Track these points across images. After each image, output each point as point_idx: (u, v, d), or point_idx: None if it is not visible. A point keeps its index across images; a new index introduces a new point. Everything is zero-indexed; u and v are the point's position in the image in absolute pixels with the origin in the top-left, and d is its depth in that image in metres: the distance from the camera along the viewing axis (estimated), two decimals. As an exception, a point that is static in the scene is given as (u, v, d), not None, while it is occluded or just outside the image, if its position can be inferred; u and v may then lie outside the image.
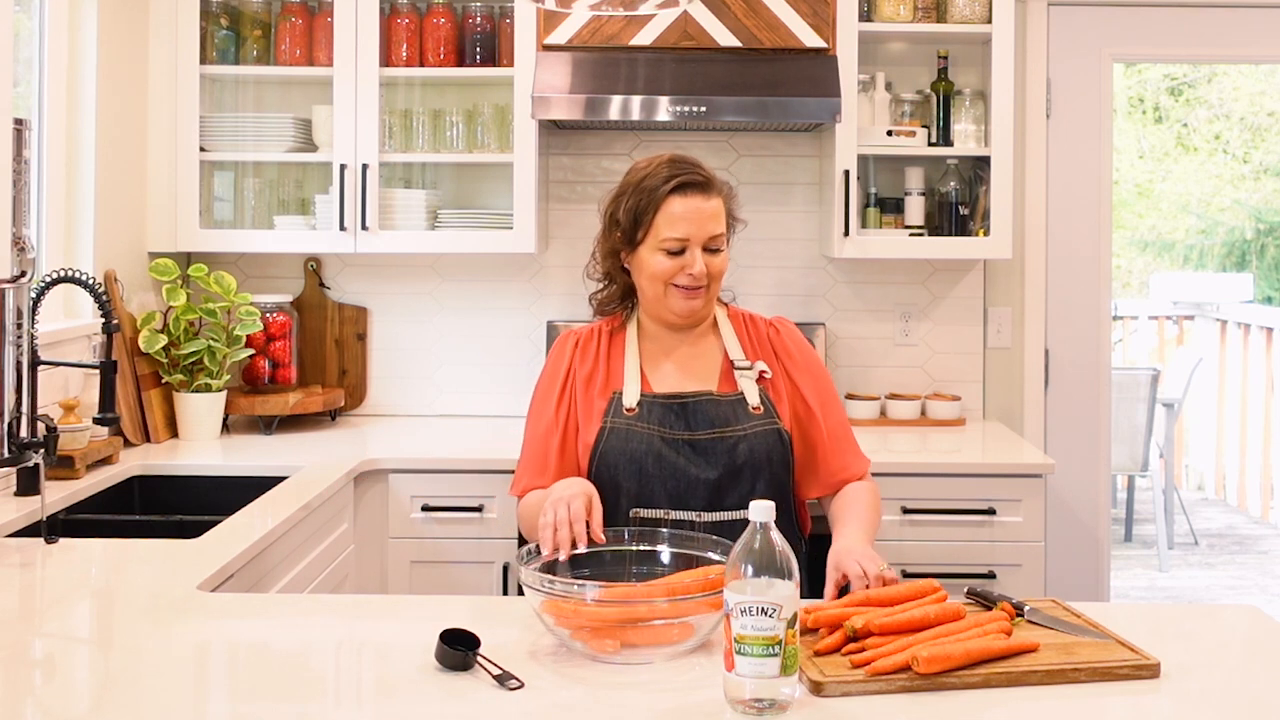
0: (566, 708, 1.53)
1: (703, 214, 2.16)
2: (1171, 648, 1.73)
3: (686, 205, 2.15)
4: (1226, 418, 7.20)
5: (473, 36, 3.61)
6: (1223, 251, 9.89)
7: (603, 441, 2.17)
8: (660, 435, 2.16)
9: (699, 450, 2.16)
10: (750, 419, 2.18)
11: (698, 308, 2.21)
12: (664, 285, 2.18)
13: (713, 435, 2.17)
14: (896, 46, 3.79)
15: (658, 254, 2.16)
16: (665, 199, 2.16)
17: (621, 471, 2.15)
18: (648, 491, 2.15)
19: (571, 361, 2.27)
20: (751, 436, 2.17)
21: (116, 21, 3.35)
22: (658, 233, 2.16)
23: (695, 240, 2.15)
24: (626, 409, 2.18)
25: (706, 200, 2.17)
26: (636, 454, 2.15)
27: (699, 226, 2.15)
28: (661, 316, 2.24)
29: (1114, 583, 4.57)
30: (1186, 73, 10.20)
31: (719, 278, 2.21)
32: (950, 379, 3.86)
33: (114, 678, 1.67)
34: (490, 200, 3.77)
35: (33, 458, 2.36)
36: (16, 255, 2.51)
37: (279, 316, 3.65)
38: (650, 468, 2.14)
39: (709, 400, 2.20)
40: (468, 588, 3.13)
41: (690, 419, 2.18)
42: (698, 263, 2.15)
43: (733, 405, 2.20)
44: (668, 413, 2.19)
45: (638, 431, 2.16)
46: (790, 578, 1.50)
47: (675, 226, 2.15)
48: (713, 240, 2.17)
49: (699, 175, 2.18)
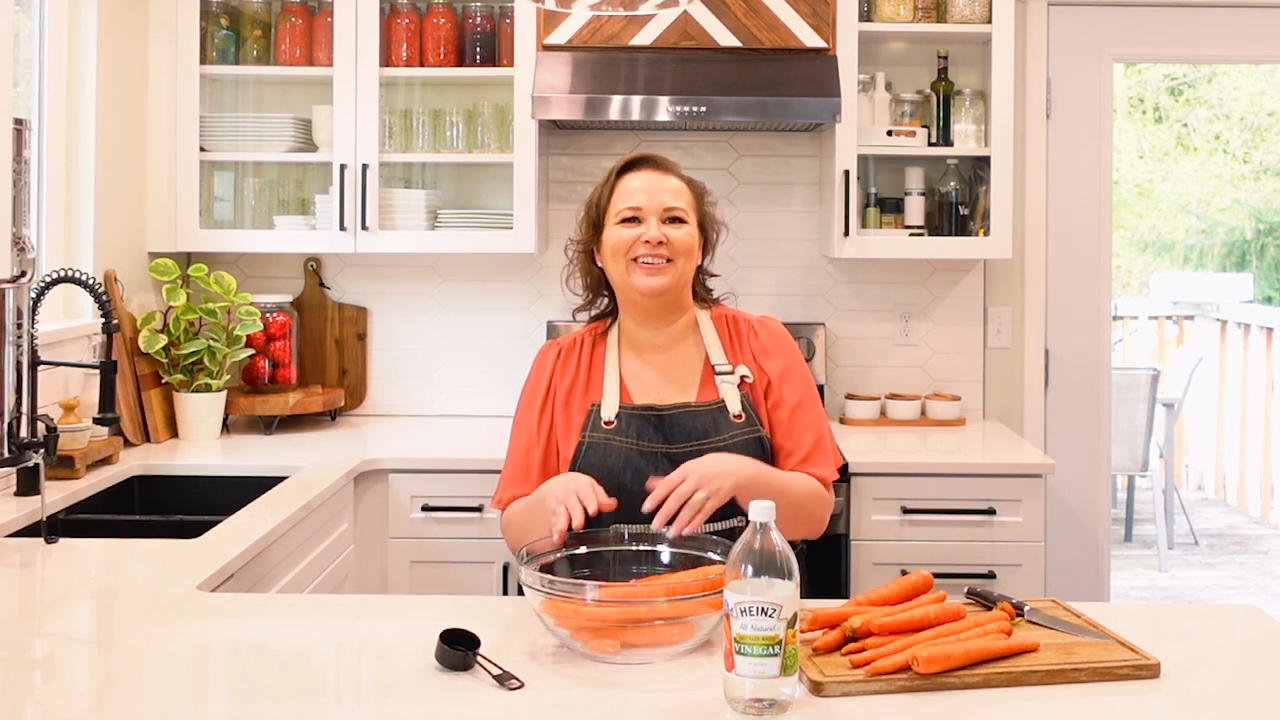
0: (566, 708, 1.53)
1: (657, 184, 2.18)
2: (1171, 648, 1.73)
3: (641, 178, 2.19)
4: (1226, 418, 7.20)
5: (473, 36, 3.61)
6: (1223, 251, 9.89)
7: (581, 456, 2.15)
8: (638, 449, 2.14)
9: (677, 463, 2.07)
10: (731, 428, 2.15)
11: (661, 285, 2.16)
12: (625, 262, 2.17)
13: (690, 447, 2.13)
14: (896, 46, 3.79)
15: (616, 229, 2.18)
16: (619, 176, 2.21)
17: (601, 486, 2.13)
18: (627, 506, 2.12)
19: (552, 374, 2.25)
20: (732, 446, 2.12)
21: (116, 21, 3.35)
22: (614, 207, 2.19)
23: (649, 209, 2.16)
24: (605, 422, 2.16)
25: (663, 176, 2.20)
26: (615, 469, 2.12)
27: (652, 196, 2.17)
28: (633, 301, 2.21)
29: (1114, 583, 4.56)
30: (1186, 73, 10.20)
31: (685, 253, 2.17)
32: (950, 379, 3.87)
33: (114, 678, 1.67)
34: (490, 200, 3.77)
35: (33, 458, 2.36)
36: (16, 255, 2.51)
37: (279, 316, 3.65)
38: (629, 482, 2.10)
39: (687, 412, 2.17)
40: (468, 588, 3.13)
41: (668, 431, 2.15)
42: (653, 228, 2.14)
43: (713, 415, 2.16)
44: (645, 425, 2.16)
45: (616, 446, 2.14)
46: (790, 578, 1.50)
47: (629, 197, 2.18)
48: (670, 211, 2.17)
49: (656, 158, 2.23)
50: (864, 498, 3.16)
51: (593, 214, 2.24)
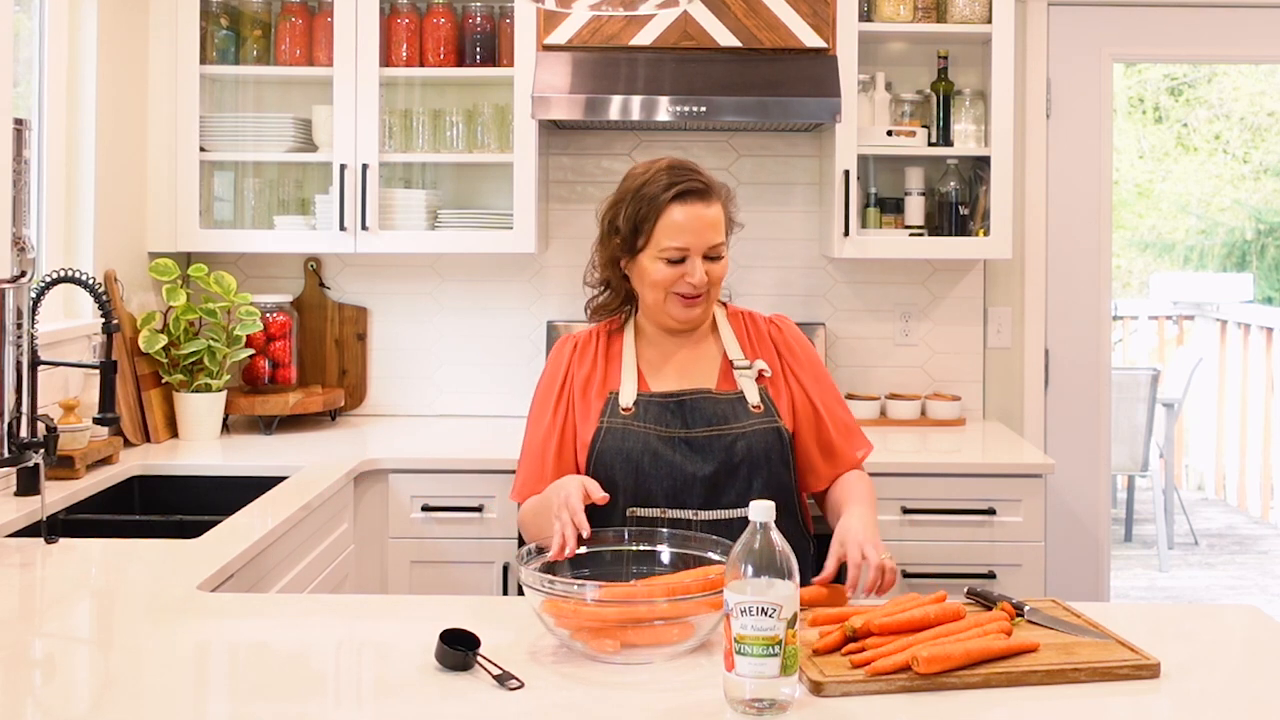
0: (566, 708, 1.53)
1: (703, 222, 2.14)
2: (1171, 648, 1.73)
3: (687, 214, 2.13)
4: (1226, 418, 7.20)
5: (473, 36, 3.61)
6: (1223, 251, 9.89)
7: (599, 441, 2.17)
8: (657, 434, 2.16)
9: (695, 447, 2.16)
10: (750, 417, 2.18)
11: (697, 315, 2.21)
12: (664, 293, 2.18)
13: (710, 432, 2.16)
14: (896, 46, 3.79)
15: (658, 262, 2.15)
16: (666, 207, 2.14)
17: (618, 470, 2.15)
18: (644, 490, 2.15)
19: (569, 365, 2.27)
20: (750, 434, 2.16)
21: (116, 21, 3.35)
22: (658, 241, 2.14)
23: (696, 249, 2.14)
24: (623, 409, 2.18)
25: (707, 208, 2.15)
26: (633, 453, 2.15)
27: (699, 236, 2.14)
28: (661, 322, 2.24)
29: (1114, 583, 4.57)
30: (1186, 73, 10.20)
31: (718, 284, 2.21)
32: (950, 379, 3.87)
33: (114, 678, 1.67)
34: (490, 200, 3.77)
35: (33, 458, 2.36)
36: (16, 255, 2.51)
37: (279, 316, 3.65)
38: (646, 466, 2.14)
39: (706, 398, 2.20)
40: (468, 588, 3.13)
41: (687, 416, 2.18)
42: (698, 272, 2.14)
43: (731, 403, 2.20)
44: (664, 411, 2.19)
45: (634, 430, 2.16)
46: (790, 578, 1.50)
47: (676, 236, 2.13)
48: (713, 249, 2.16)
49: (699, 182, 2.16)
50: (864, 498, 3.16)
51: (628, 231, 2.17)
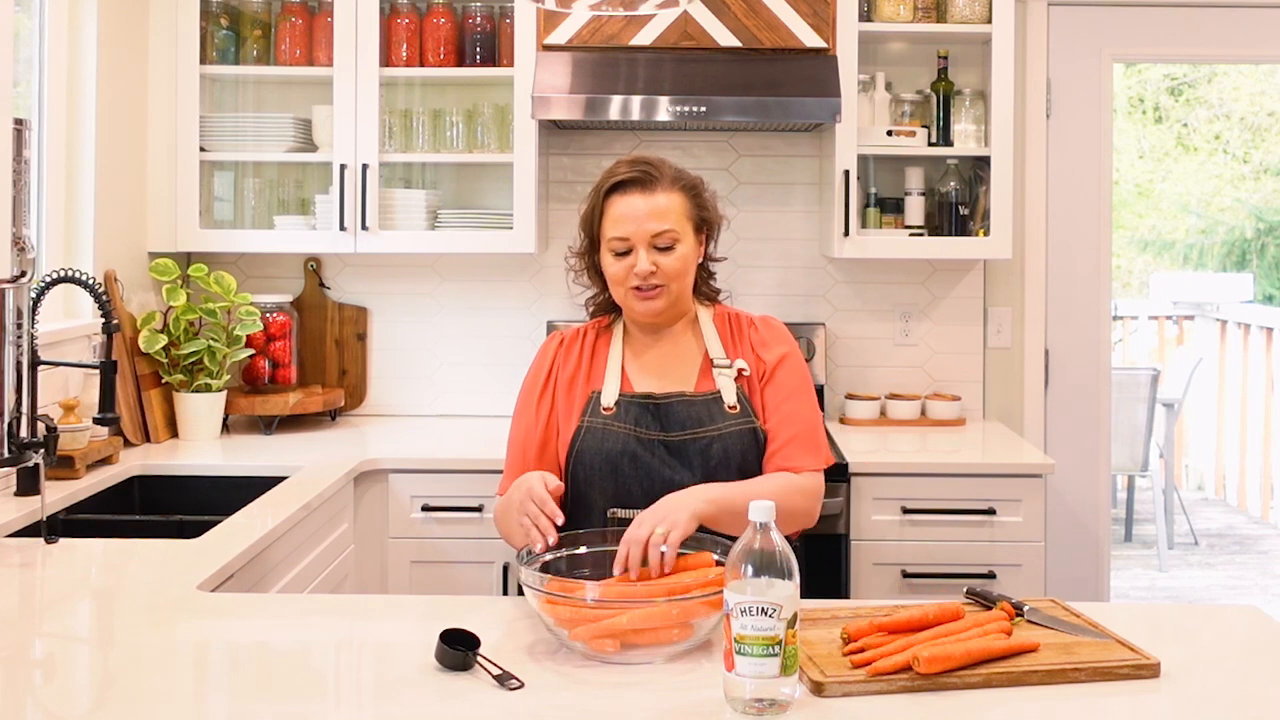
0: (566, 708, 1.53)
1: (639, 212, 2.13)
2: (1171, 648, 1.73)
3: (625, 204, 2.15)
4: (1226, 418, 7.20)
5: (473, 36, 3.61)
6: (1223, 251, 9.89)
7: (579, 440, 2.17)
8: (636, 436, 2.15)
9: (673, 451, 2.15)
10: (725, 418, 2.16)
11: (656, 309, 2.18)
12: (623, 288, 2.17)
13: (686, 436, 2.15)
14: (896, 46, 3.79)
15: (609, 256, 2.17)
16: (606, 199, 2.17)
17: (597, 471, 2.14)
18: (624, 492, 2.14)
19: (554, 362, 2.27)
20: (726, 436, 2.15)
21: (116, 21, 3.35)
22: (605, 234, 2.17)
23: (638, 239, 2.13)
24: (604, 408, 2.18)
25: (646, 197, 2.14)
26: (612, 454, 2.14)
27: (639, 225, 2.13)
28: (632, 318, 2.25)
29: (1114, 583, 4.57)
30: (1186, 73, 10.20)
31: (677, 277, 2.17)
32: (950, 379, 3.86)
33: (114, 678, 1.67)
34: (490, 200, 3.77)
35: (33, 458, 2.36)
36: (16, 255, 2.51)
37: (279, 316, 3.65)
38: (625, 468, 2.13)
39: (683, 401, 2.18)
40: (468, 588, 3.13)
41: (664, 419, 2.17)
42: (641, 261, 2.13)
43: (708, 405, 2.18)
44: (644, 413, 2.17)
45: (614, 431, 2.16)
46: (790, 578, 1.50)
47: (615, 226, 2.15)
48: (658, 238, 2.14)
49: (638, 172, 2.16)
50: (864, 498, 3.16)
51: (586, 228, 2.23)
